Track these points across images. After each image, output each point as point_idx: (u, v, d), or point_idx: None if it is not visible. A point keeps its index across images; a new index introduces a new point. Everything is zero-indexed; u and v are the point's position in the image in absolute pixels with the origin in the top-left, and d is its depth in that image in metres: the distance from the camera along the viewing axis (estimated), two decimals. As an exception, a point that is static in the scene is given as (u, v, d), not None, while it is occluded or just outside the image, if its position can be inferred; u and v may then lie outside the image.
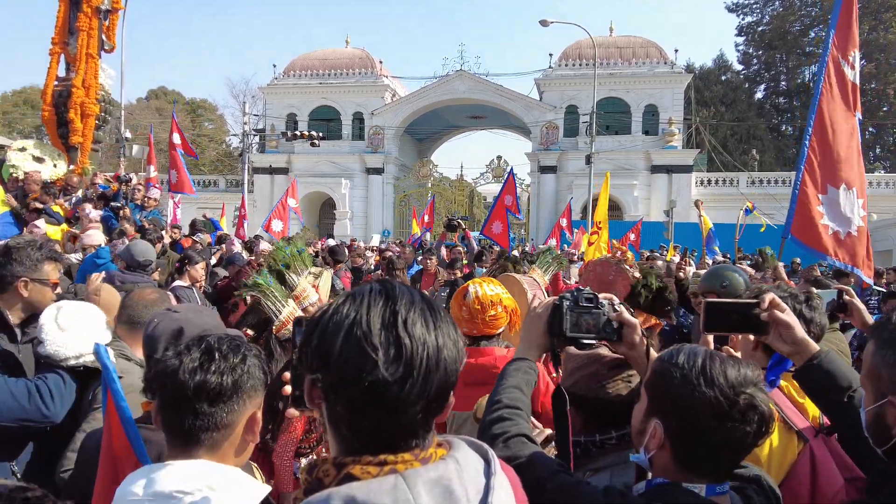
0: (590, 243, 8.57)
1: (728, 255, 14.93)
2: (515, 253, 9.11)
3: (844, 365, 1.72)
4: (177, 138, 13.45)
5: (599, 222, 8.52)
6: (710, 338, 3.23)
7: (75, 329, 2.61)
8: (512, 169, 10.75)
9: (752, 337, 2.00)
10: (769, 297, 1.73)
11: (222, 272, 7.73)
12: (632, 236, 15.63)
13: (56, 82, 9.37)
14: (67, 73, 9.50)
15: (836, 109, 4.60)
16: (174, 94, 56.92)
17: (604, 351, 1.88)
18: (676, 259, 14.30)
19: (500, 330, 3.18)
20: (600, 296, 1.75)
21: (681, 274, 5.89)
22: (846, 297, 2.99)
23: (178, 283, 6.17)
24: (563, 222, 17.44)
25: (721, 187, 32.78)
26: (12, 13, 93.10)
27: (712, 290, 3.96)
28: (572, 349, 1.81)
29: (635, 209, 30.92)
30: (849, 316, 3.07)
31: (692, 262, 12.40)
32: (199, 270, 6.17)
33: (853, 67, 4.79)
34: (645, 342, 1.72)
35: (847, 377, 1.69)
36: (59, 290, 3.35)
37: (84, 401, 2.64)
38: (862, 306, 3.00)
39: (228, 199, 30.64)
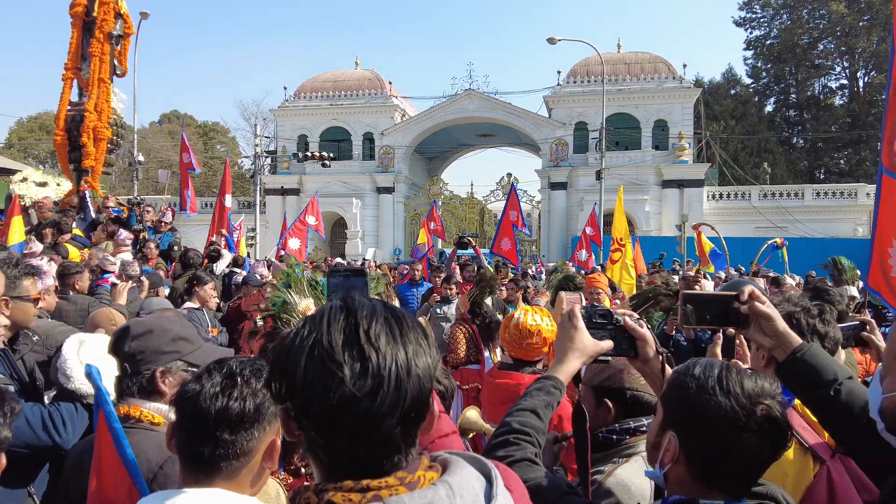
0: (612, 261, 8.32)
1: (742, 268, 14.77)
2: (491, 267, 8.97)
3: (829, 358, 1.66)
4: (185, 157, 13.51)
5: (621, 238, 8.27)
6: (718, 350, 3.17)
7: (98, 364, 2.61)
8: (514, 184, 10.65)
9: (763, 351, 1.86)
10: (748, 288, 1.66)
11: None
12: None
13: (69, 107, 9.49)
14: (80, 98, 9.63)
15: None
16: (186, 117, 57.66)
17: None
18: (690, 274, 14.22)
19: (539, 358, 3.34)
20: (616, 311, 1.73)
21: (697, 287, 5.82)
22: (866, 334, 2.89)
23: (188, 304, 6.15)
24: (590, 231, 16.33)
25: (733, 201, 32.62)
26: (28, 40, 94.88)
27: None
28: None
29: (647, 224, 30.80)
30: (866, 350, 2.98)
31: (707, 275, 12.30)
32: (207, 291, 6.13)
33: None
34: (660, 357, 1.69)
35: (832, 370, 1.61)
36: (42, 304, 3.35)
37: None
38: (881, 342, 2.83)
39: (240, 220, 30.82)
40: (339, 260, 15.43)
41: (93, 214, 8.39)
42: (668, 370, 1.73)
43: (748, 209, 31.50)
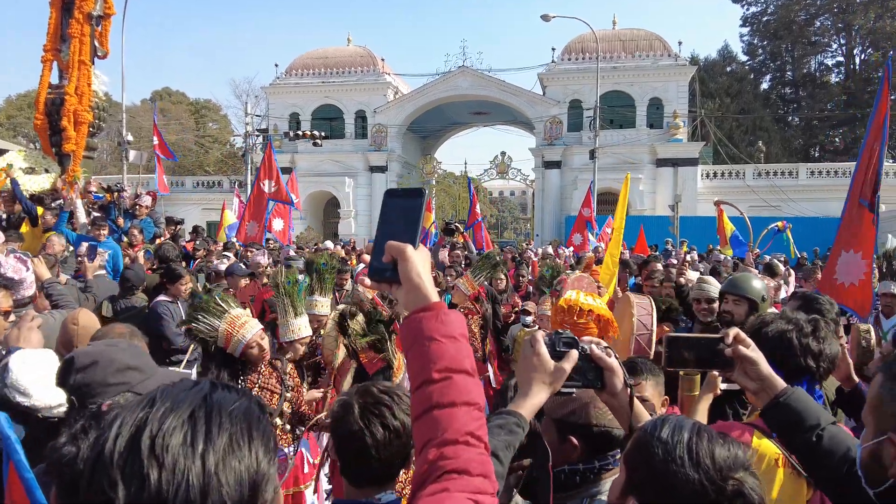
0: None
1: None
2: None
3: (812, 402, 1.63)
4: (155, 140, 13.26)
5: (613, 231, 7.94)
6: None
7: (44, 380, 2.50)
8: (470, 180, 10.95)
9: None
10: (733, 331, 1.63)
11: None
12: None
13: (49, 90, 9.26)
14: (60, 81, 9.39)
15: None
16: (178, 94, 56.94)
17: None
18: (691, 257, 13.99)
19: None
20: (584, 339, 1.61)
21: (682, 279, 5.71)
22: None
23: (160, 297, 6.01)
24: (587, 212, 15.60)
25: (727, 180, 32.50)
26: (16, 18, 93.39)
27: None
28: None
29: (641, 203, 30.70)
30: None
31: (691, 259, 12.17)
32: (179, 288, 6.00)
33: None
34: (628, 390, 1.58)
35: (815, 415, 1.58)
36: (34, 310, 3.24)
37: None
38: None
39: (232, 199, 30.64)
40: (328, 243, 15.28)
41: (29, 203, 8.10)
42: (637, 404, 1.64)
43: (742, 188, 31.39)
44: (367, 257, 11.25)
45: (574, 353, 1.55)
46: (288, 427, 3.89)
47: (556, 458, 1.84)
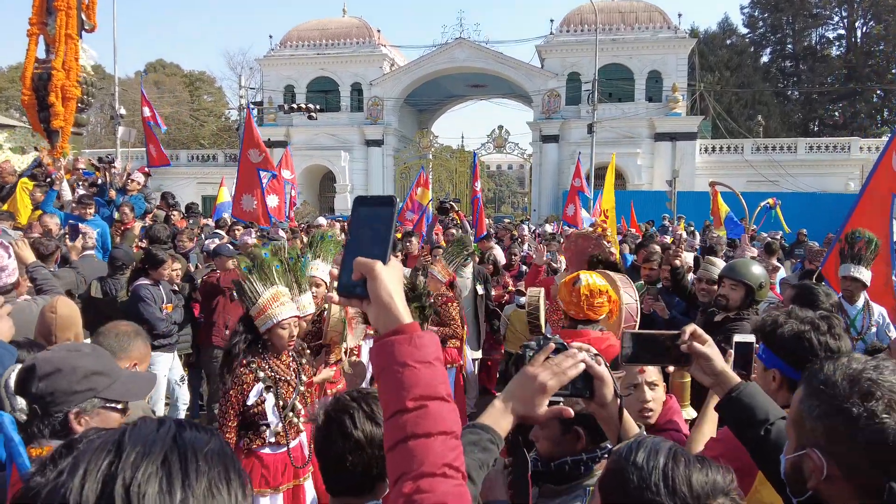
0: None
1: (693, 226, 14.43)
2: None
3: (765, 398, 1.68)
4: (147, 111, 12.92)
5: (606, 210, 7.67)
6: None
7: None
8: (476, 155, 10.56)
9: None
10: (690, 328, 1.66)
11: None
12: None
13: (35, 65, 9.07)
14: (47, 55, 9.20)
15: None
16: (172, 66, 56.22)
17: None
18: (685, 234, 13.92)
19: (602, 316, 3.58)
20: (573, 344, 1.53)
21: (676, 262, 5.62)
22: None
23: (141, 280, 5.87)
24: (578, 182, 15.49)
25: (726, 154, 32.32)
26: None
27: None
28: None
29: (638, 178, 30.55)
30: None
31: (689, 239, 12.09)
32: (161, 273, 5.88)
33: None
34: (619, 401, 1.52)
35: (765, 410, 1.64)
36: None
37: None
38: None
39: (228, 173, 30.51)
40: (320, 219, 15.15)
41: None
42: (627, 416, 1.57)
43: (740, 163, 31.23)
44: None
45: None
46: (296, 421, 3.75)
47: (557, 450, 1.83)
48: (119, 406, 1.88)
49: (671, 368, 1.87)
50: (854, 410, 1.22)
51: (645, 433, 1.58)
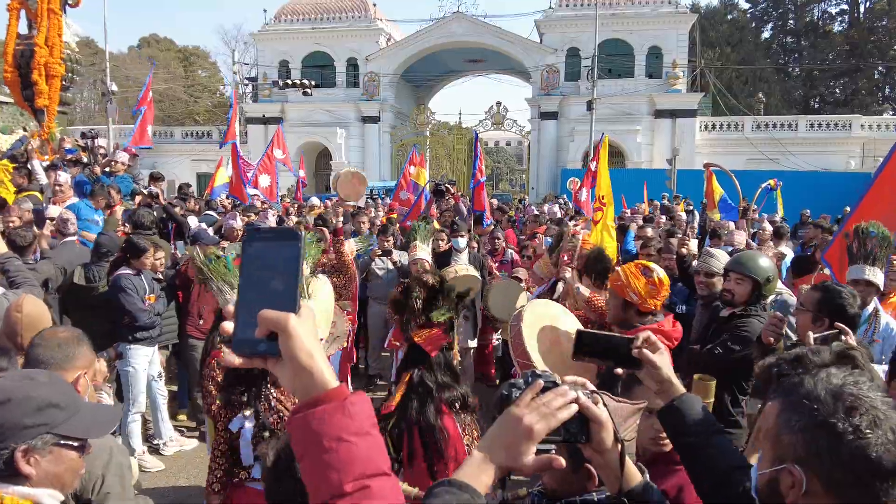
0: (594, 221, 7.29)
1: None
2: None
3: (702, 412, 1.73)
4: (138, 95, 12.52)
5: (603, 197, 7.28)
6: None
7: None
8: (477, 135, 9.94)
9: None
10: (644, 335, 1.70)
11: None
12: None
13: (17, 41, 8.77)
14: (29, 31, 8.90)
15: None
16: (166, 41, 55.42)
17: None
18: (684, 215, 13.70)
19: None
20: (566, 379, 1.34)
21: (683, 250, 5.43)
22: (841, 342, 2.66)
23: (121, 270, 5.63)
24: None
25: (726, 132, 32.00)
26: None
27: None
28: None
29: (638, 156, 30.25)
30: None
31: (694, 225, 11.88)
32: (143, 262, 5.62)
33: None
34: (619, 447, 1.33)
35: (703, 423, 1.70)
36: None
37: None
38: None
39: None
40: (314, 199, 14.87)
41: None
42: (629, 462, 1.37)
43: (741, 140, 30.94)
44: (395, 213, 10.40)
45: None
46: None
47: (567, 488, 1.60)
48: (76, 444, 1.70)
49: (619, 370, 1.82)
50: (839, 425, 1.21)
51: (648, 479, 1.41)
